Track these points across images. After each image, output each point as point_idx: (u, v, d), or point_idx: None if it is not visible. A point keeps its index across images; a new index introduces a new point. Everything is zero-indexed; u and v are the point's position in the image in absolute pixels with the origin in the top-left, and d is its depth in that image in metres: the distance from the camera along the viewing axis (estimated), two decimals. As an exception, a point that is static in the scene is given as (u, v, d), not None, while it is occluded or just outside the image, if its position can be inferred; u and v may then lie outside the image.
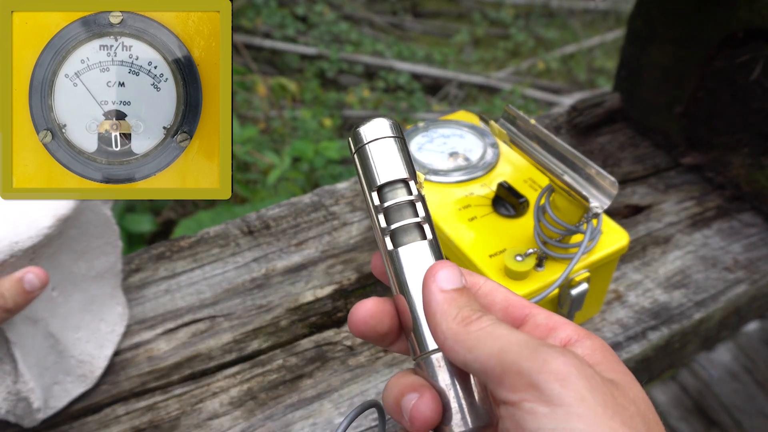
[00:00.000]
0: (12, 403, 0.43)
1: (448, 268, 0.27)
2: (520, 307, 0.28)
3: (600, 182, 0.42)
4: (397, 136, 0.29)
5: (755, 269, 0.62)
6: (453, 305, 0.25)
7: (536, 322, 0.27)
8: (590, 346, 0.26)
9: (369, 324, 0.29)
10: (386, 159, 0.29)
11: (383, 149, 0.29)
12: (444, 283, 0.26)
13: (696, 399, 1.34)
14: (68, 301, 0.47)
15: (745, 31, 0.64)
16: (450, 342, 0.25)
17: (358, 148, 0.29)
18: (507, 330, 0.24)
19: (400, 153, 0.29)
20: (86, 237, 0.46)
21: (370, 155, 0.29)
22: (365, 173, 0.29)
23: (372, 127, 0.29)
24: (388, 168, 0.29)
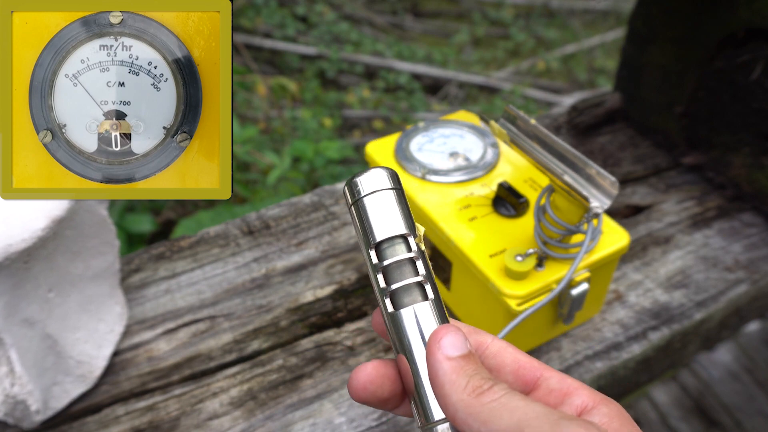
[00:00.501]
0: (10, 406, 0.43)
1: (453, 333, 0.25)
2: (531, 369, 0.27)
3: (600, 182, 0.42)
4: (396, 187, 0.28)
5: (756, 269, 0.62)
6: (462, 374, 0.24)
7: (549, 386, 0.26)
8: (607, 413, 0.25)
9: (369, 390, 0.27)
10: (384, 213, 0.27)
11: (381, 202, 0.27)
12: (449, 349, 0.25)
13: (696, 399, 1.34)
14: (66, 301, 0.46)
15: (746, 31, 0.64)
16: (462, 414, 0.23)
17: (355, 201, 0.28)
18: (522, 401, 0.23)
19: (398, 206, 0.27)
20: (82, 237, 0.46)
21: (367, 209, 0.27)
22: (362, 229, 0.28)
23: (369, 178, 0.28)
24: (386, 223, 0.27)
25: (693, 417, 1.31)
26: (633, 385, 0.58)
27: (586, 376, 0.51)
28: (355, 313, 0.56)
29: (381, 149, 0.57)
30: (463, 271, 0.50)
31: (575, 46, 2.94)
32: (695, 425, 1.30)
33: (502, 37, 3.06)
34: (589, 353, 0.53)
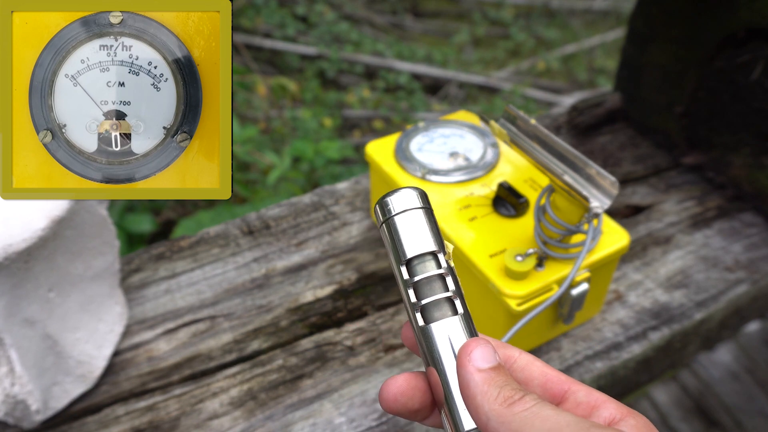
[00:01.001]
0: (10, 406, 0.43)
1: (483, 345, 0.26)
2: (558, 382, 0.27)
3: (600, 182, 0.42)
4: (425, 206, 0.29)
5: (756, 269, 0.62)
6: (493, 385, 0.25)
7: (577, 399, 0.26)
8: (634, 425, 0.25)
9: (400, 402, 0.28)
10: (414, 231, 0.28)
11: (411, 221, 0.28)
12: (480, 362, 0.25)
13: (697, 399, 1.34)
14: (66, 301, 0.46)
15: (746, 31, 0.64)
16: (494, 424, 0.24)
17: (386, 220, 0.29)
18: (553, 411, 0.23)
19: (428, 224, 0.29)
20: (82, 237, 0.46)
21: (398, 227, 0.28)
22: (393, 246, 0.29)
23: (399, 198, 0.29)
24: (416, 241, 0.28)
25: (693, 417, 1.31)
26: (633, 385, 0.58)
27: (586, 376, 0.51)
28: (355, 313, 0.56)
29: (381, 149, 0.57)
30: (463, 271, 0.50)
31: (575, 46, 2.94)
32: (695, 425, 1.30)
33: (502, 37, 3.06)
34: (589, 353, 0.53)
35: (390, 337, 0.54)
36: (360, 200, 0.68)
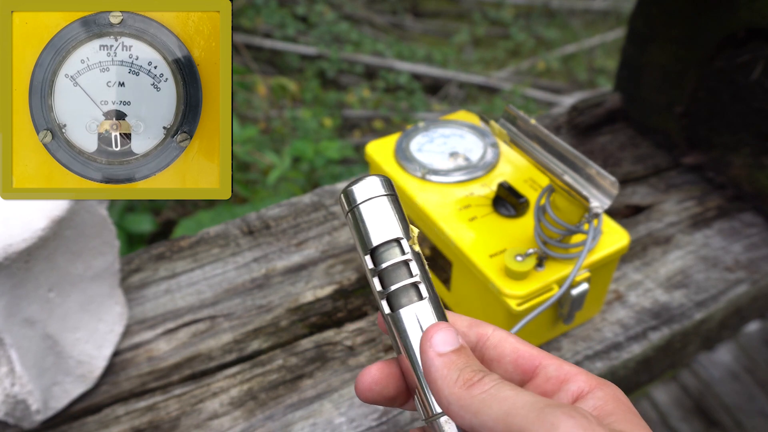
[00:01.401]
0: (10, 406, 0.43)
1: (443, 329, 0.26)
2: (530, 358, 0.27)
3: (600, 182, 0.42)
4: (388, 193, 0.29)
5: (756, 269, 0.62)
6: (453, 368, 0.25)
7: (547, 374, 0.26)
8: (602, 397, 0.25)
9: (375, 390, 0.28)
10: (377, 220, 0.28)
11: (374, 209, 0.28)
12: (440, 346, 0.25)
13: (697, 399, 1.34)
14: (66, 301, 0.46)
15: (746, 31, 0.64)
16: (454, 407, 0.24)
17: (350, 210, 0.29)
18: (512, 391, 0.23)
19: (391, 211, 0.28)
20: (82, 237, 0.46)
21: (362, 217, 0.28)
22: (359, 236, 0.29)
23: (361, 187, 0.29)
24: (379, 229, 0.28)
25: (693, 417, 1.31)
26: (633, 385, 0.58)
27: (586, 376, 0.51)
28: (355, 313, 0.56)
29: (381, 149, 0.57)
30: (463, 271, 0.50)
31: (575, 46, 2.94)
32: (695, 425, 1.30)
33: (502, 37, 3.06)
34: (589, 353, 0.53)
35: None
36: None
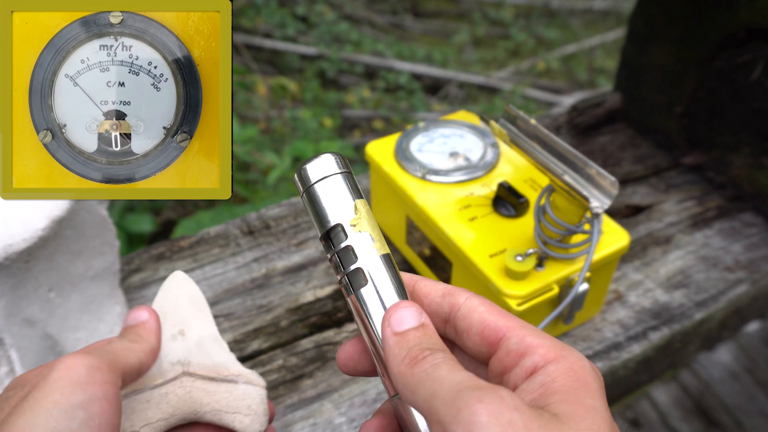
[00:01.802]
0: (12, 404, 0.43)
1: (402, 308, 0.26)
2: (494, 330, 0.26)
3: (600, 182, 0.42)
4: (343, 171, 0.28)
5: (756, 269, 0.62)
6: (403, 346, 0.24)
7: (508, 348, 0.25)
8: (553, 372, 0.24)
9: (350, 365, 0.29)
10: (329, 201, 0.27)
11: (327, 189, 0.28)
12: (396, 326, 0.25)
13: (697, 399, 1.34)
14: (66, 301, 0.46)
15: (746, 31, 0.64)
16: (399, 385, 0.24)
17: (305, 190, 0.28)
18: (448, 371, 0.22)
19: (343, 191, 0.28)
20: (82, 237, 0.46)
21: (315, 198, 0.28)
22: (314, 218, 0.28)
23: (314, 166, 0.28)
24: (331, 211, 0.27)
25: (693, 417, 1.31)
26: (633, 385, 0.58)
27: (586, 376, 0.51)
28: (355, 313, 0.56)
29: (381, 149, 0.57)
30: (463, 271, 0.50)
31: (575, 46, 2.94)
32: (695, 425, 1.30)
33: (503, 37, 3.06)
34: (589, 353, 0.53)
35: (390, 337, 0.54)
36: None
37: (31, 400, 0.25)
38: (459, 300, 0.27)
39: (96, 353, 0.28)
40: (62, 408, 0.25)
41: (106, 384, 0.27)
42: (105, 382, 0.27)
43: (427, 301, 0.28)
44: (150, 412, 0.31)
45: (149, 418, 0.31)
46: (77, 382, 0.26)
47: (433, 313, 0.27)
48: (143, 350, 0.31)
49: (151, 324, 0.33)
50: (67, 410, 0.25)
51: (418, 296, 0.28)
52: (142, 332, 0.32)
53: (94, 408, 0.26)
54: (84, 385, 0.26)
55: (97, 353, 0.28)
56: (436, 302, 0.28)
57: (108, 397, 0.27)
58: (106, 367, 0.27)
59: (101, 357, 0.28)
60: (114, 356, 0.29)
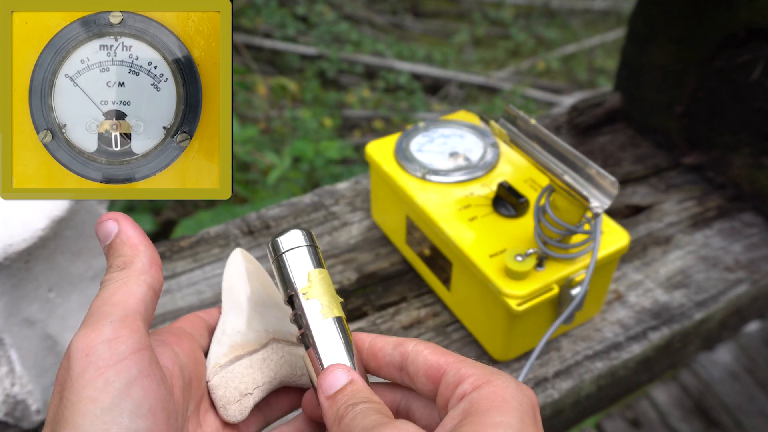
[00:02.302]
0: (10, 406, 0.43)
1: (331, 373, 0.28)
2: (436, 368, 0.28)
3: (600, 182, 0.42)
4: (308, 244, 0.32)
5: (756, 269, 0.62)
6: (333, 408, 0.27)
7: (447, 381, 0.27)
8: (475, 397, 0.25)
9: (306, 413, 0.32)
10: (292, 270, 0.31)
11: (291, 261, 0.31)
12: (328, 390, 0.28)
13: (697, 399, 1.34)
14: (66, 301, 0.46)
15: (746, 31, 0.64)
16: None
17: (276, 258, 0.32)
18: (361, 418, 0.25)
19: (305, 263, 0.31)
20: (82, 237, 0.46)
21: (281, 266, 0.31)
22: (280, 283, 0.32)
23: (286, 238, 0.32)
24: (288, 280, 0.31)
25: (693, 417, 1.31)
26: (633, 385, 0.58)
27: (586, 376, 0.51)
28: (355, 313, 0.56)
29: (381, 149, 0.58)
30: (463, 271, 0.50)
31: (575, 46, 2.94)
32: (695, 425, 1.30)
33: (503, 37, 3.06)
34: (589, 353, 0.53)
35: (390, 337, 0.54)
36: (360, 200, 0.68)
37: (67, 404, 0.23)
38: (408, 348, 0.29)
39: (101, 318, 0.24)
40: (104, 406, 0.22)
41: (135, 353, 0.24)
42: (133, 351, 0.24)
43: (382, 355, 0.30)
44: (256, 375, 0.33)
45: (257, 381, 0.33)
46: (104, 366, 0.23)
47: (389, 364, 0.30)
48: (141, 272, 0.27)
49: (126, 233, 0.28)
50: (111, 406, 0.22)
51: (373, 352, 0.30)
52: (124, 250, 0.28)
53: (136, 391, 0.23)
54: (113, 367, 0.23)
55: (103, 317, 0.24)
56: (389, 354, 0.30)
57: (144, 369, 0.24)
58: (125, 330, 0.24)
59: (110, 321, 0.24)
60: (122, 308, 0.25)
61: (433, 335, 0.54)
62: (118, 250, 0.28)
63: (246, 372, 0.32)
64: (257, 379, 0.33)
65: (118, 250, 0.28)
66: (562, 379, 0.51)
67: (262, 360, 0.33)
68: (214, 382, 0.32)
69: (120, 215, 0.29)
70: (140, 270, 0.27)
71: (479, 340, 0.52)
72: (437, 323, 0.55)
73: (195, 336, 0.32)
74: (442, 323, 0.55)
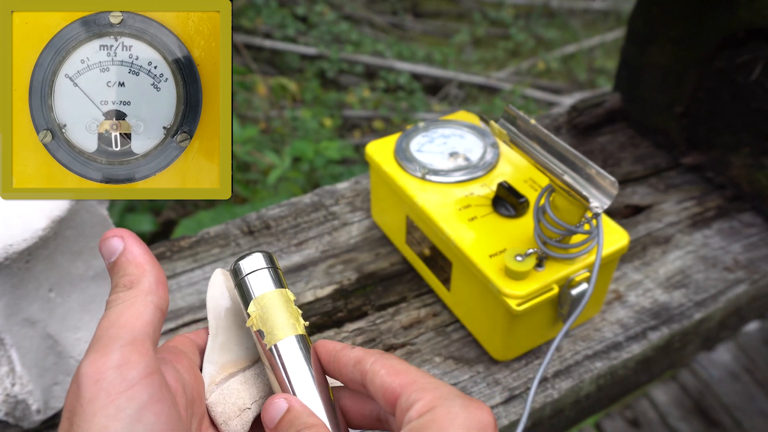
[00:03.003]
0: (11, 406, 0.43)
1: (270, 405, 0.29)
2: (392, 391, 0.28)
3: (600, 182, 0.42)
4: (268, 266, 0.32)
5: (755, 269, 0.62)
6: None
7: (400, 406, 0.27)
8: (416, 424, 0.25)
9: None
10: (254, 294, 0.32)
11: (254, 282, 0.32)
12: (269, 423, 0.28)
13: (696, 399, 1.34)
14: (66, 301, 0.47)
15: (746, 31, 0.64)
16: None
17: (238, 282, 0.33)
18: None
19: (266, 285, 0.32)
20: (83, 237, 0.46)
21: (242, 291, 0.32)
22: (243, 305, 0.32)
23: (247, 261, 0.32)
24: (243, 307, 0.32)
25: (693, 417, 1.31)
26: (633, 385, 0.58)
27: (586, 376, 0.51)
28: (355, 313, 0.56)
29: (381, 149, 0.58)
30: (463, 271, 0.50)
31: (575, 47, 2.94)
32: (695, 425, 1.30)
33: (502, 37, 3.06)
34: (589, 353, 0.53)
35: (390, 337, 0.54)
36: (360, 200, 0.68)
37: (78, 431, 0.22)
38: (366, 367, 0.29)
39: (110, 342, 0.24)
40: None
41: (145, 378, 0.24)
42: (143, 376, 0.24)
43: (345, 372, 0.30)
44: (252, 390, 0.33)
45: (254, 396, 0.33)
46: (115, 393, 0.23)
47: (352, 381, 0.30)
48: (148, 292, 0.27)
49: (132, 252, 0.28)
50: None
51: (338, 368, 0.30)
52: (130, 269, 0.27)
53: (148, 417, 0.23)
54: (124, 393, 0.23)
55: (112, 341, 0.24)
56: (350, 371, 0.30)
57: (154, 394, 0.24)
58: (135, 355, 0.24)
59: (119, 345, 0.24)
60: (130, 331, 0.25)
61: (433, 335, 0.54)
62: (124, 268, 0.28)
63: (242, 388, 0.33)
64: (254, 394, 0.33)
65: (124, 268, 0.28)
66: (562, 378, 0.51)
67: (255, 375, 0.33)
68: (212, 399, 0.32)
69: (125, 232, 0.29)
70: (147, 290, 0.27)
71: (479, 340, 0.52)
72: (437, 323, 0.55)
73: (189, 355, 0.32)
74: (442, 323, 0.55)
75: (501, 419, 0.48)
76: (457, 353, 0.52)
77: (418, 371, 0.28)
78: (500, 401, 0.49)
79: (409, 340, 0.53)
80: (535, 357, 0.52)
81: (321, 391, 0.30)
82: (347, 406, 0.31)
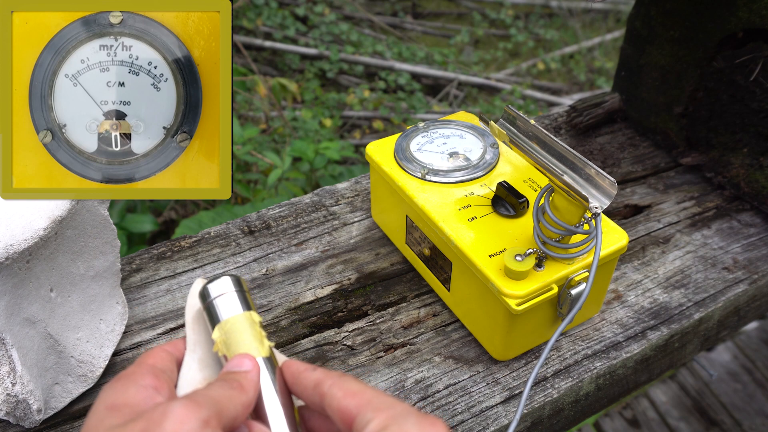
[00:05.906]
0: (11, 405, 0.43)
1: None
2: (347, 414, 0.28)
3: (599, 182, 0.42)
4: (237, 289, 0.32)
5: (755, 269, 0.62)
6: None
7: (356, 426, 0.28)
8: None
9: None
10: (222, 316, 0.32)
11: (222, 305, 0.32)
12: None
13: (696, 399, 1.34)
14: (67, 301, 0.47)
15: (745, 31, 0.64)
16: None
17: (206, 304, 0.33)
18: None
19: (235, 307, 0.32)
20: (83, 237, 0.46)
21: (210, 314, 0.32)
22: (211, 326, 0.32)
23: (215, 285, 0.32)
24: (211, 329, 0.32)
25: (692, 416, 1.31)
26: (632, 385, 0.58)
27: (585, 376, 0.51)
28: (355, 312, 0.56)
29: (381, 149, 0.58)
30: (463, 271, 0.50)
31: (575, 47, 2.95)
32: (695, 425, 1.30)
33: (502, 37, 3.06)
34: (589, 353, 0.53)
35: (390, 337, 0.54)
36: (360, 200, 0.68)
37: None
38: (324, 390, 0.30)
39: (204, 402, 0.27)
40: None
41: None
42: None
43: (306, 394, 0.30)
44: None
45: None
46: None
47: (313, 403, 0.30)
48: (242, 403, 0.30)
49: (252, 375, 0.31)
50: None
51: (300, 389, 0.31)
52: (244, 382, 0.31)
53: None
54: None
55: (205, 403, 0.27)
56: (311, 394, 0.30)
57: None
58: (216, 421, 0.27)
59: (209, 408, 0.27)
60: (219, 407, 0.28)
61: (432, 335, 0.54)
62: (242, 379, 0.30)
63: None
64: None
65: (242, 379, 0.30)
66: (562, 378, 0.51)
67: None
68: None
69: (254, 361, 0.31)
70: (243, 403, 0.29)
71: (479, 339, 0.53)
72: (437, 323, 0.55)
73: (167, 373, 0.33)
74: (441, 323, 0.55)
75: (501, 419, 0.48)
76: (456, 353, 0.53)
77: (375, 391, 0.29)
78: (500, 401, 0.49)
79: (409, 340, 0.54)
80: (535, 357, 0.52)
81: (286, 414, 0.30)
82: (316, 426, 0.32)
